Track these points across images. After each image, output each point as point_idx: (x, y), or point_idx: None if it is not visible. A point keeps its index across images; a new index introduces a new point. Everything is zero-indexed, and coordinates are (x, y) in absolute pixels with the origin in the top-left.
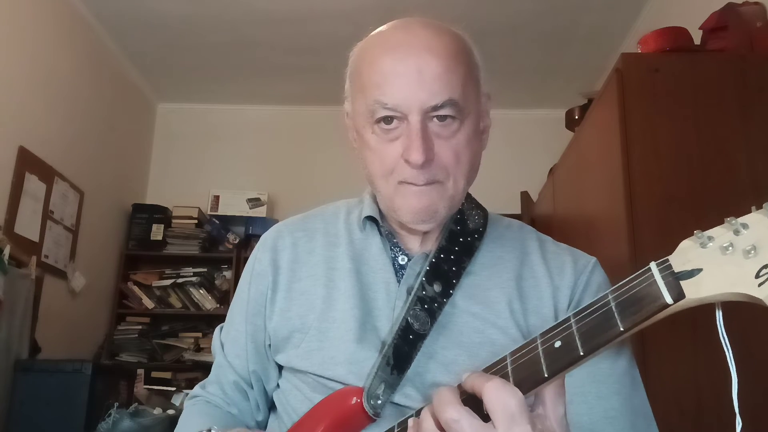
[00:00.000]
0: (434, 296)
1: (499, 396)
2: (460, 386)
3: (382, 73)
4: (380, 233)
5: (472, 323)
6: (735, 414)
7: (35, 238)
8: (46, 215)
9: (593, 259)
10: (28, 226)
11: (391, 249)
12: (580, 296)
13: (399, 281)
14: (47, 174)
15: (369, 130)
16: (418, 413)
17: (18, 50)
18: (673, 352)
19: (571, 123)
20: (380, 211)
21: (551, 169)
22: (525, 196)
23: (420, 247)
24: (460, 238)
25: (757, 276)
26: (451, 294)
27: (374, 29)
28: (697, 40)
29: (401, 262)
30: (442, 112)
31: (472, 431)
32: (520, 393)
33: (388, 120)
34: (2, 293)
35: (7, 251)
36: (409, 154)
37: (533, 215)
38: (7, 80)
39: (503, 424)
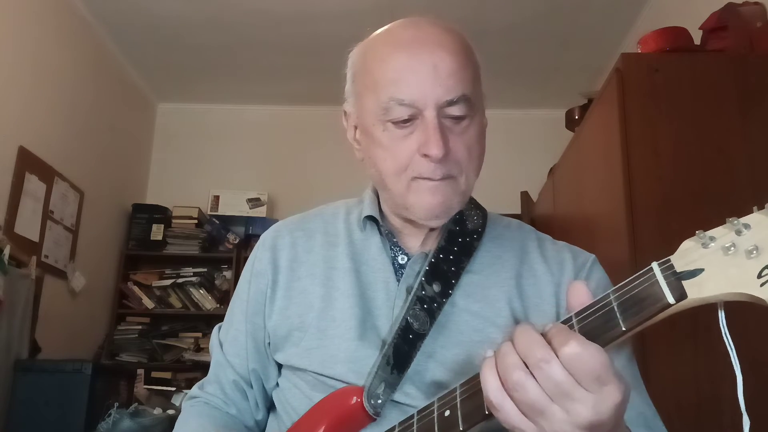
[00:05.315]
0: (433, 296)
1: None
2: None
3: (396, 69)
4: (380, 233)
5: (472, 322)
6: (735, 412)
7: (35, 238)
8: (46, 215)
9: (592, 255)
10: (28, 226)
11: (390, 249)
12: None
13: (398, 281)
14: (47, 174)
15: (380, 128)
16: (429, 409)
17: (18, 50)
18: (673, 350)
19: (571, 123)
20: (380, 211)
21: (551, 169)
22: (525, 196)
23: (420, 247)
24: (459, 238)
25: (760, 276)
26: (451, 294)
27: (373, 30)
28: (697, 40)
29: (401, 262)
30: (456, 107)
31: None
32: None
33: (404, 121)
34: (2, 293)
35: (7, 251)
36: (428, 148)
37: (533, 215)
38: (7, 80)
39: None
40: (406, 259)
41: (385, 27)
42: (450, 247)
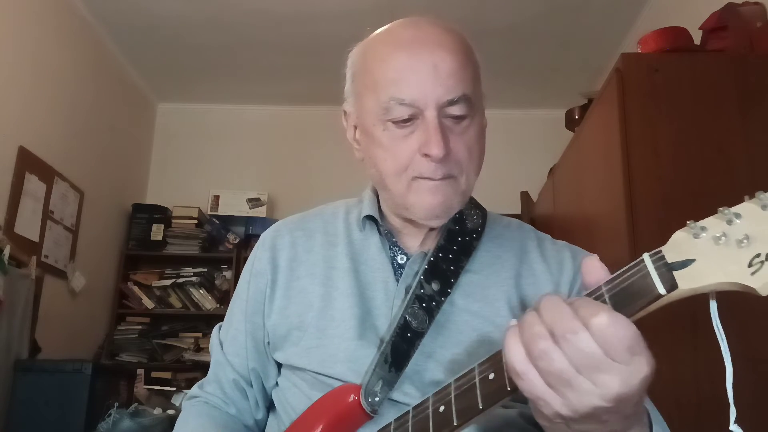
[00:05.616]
0: (432, 295)
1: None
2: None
3: (396, 69)
4: (379, 233)
5: (471, 322)
6: (731, 405)
7: (35, 238)
8: (46, 215)
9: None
10: (28, 226)
11: (390, 248)
12: (579, 291)
13: (397, 280)
14: (47, 174)
15: (380, 128)
16: (424, 404)
17: (18, 51)
18: (673, 349)
19: (571, 123)
20: (380, 211)
21: (551, 169)
22: (525, 196)
23: (419, 247)
24: (459, 238)
25: (750, 265)
26: (449, 293)
27: (373, 30)
28: (697, 40)
29: (400, 262)
30: (456, 107)
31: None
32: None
33: (404, 120)
34: (2, 293)
35: (7, 251)
36: (429, 148)
37: (533, 215)
38: (7, 80)
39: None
40: (405, 258)
41: (385, 27)
42: (449, 247)
